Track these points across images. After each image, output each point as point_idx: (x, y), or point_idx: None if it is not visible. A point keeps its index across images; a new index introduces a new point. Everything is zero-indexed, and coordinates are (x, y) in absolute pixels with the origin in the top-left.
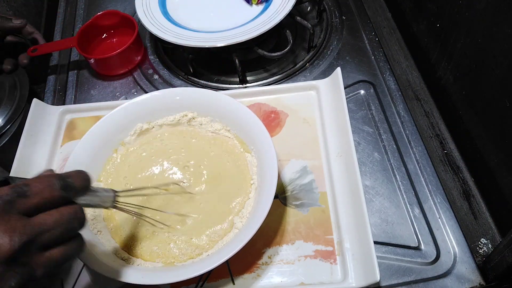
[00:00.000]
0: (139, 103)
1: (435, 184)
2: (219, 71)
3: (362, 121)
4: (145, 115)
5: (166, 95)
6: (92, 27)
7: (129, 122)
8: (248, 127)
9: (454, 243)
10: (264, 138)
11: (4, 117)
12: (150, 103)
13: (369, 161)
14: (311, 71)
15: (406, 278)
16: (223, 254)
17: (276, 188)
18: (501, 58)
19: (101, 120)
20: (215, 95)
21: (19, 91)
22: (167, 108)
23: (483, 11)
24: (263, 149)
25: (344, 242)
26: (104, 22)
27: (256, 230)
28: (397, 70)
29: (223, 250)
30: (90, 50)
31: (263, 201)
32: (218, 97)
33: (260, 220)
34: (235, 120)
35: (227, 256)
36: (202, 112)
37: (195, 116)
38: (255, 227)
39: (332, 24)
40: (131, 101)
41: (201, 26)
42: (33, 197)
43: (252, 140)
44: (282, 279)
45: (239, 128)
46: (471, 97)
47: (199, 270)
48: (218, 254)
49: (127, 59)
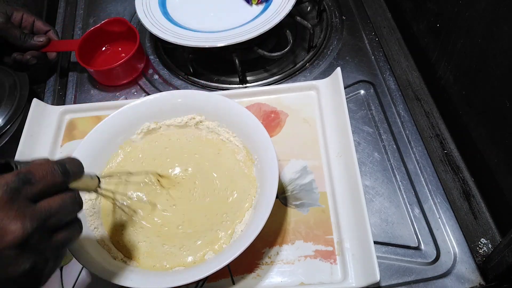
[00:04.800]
0: (148, 103)
1: (435, 184)
2: (219, 71)
3: (362, 121)
4: (153, 115)
5: (175, 97)
6: (95, 34)
7: (137, 120)
8: (255, 137)
9: (454, 243)
10: (269, 151)
11: (4, 117)
12: (159, 104)
13: (369, 161)
14: (311, 71)
15: (406, 278)
16: (223, 259)
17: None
18: (501, 58)
19: (110, 117)
20: (223, 101)
21: (19, 91)
22: (175, 110)
23: (483, 11)
24: (266, 159)
25: (344, 242)
26: (108, 29)
27: (255, 236)
28: (397, 70)
29: (223, 254)
30: (92, 57)
31: (263, 210)
32: (226, 103)
33: (259, 227)
34: (243, 127)
35: (228, 261)
36: (210, 116)
37: (202, 120)
38: (254, 234)
39: (332, 24)
40: (140, 100)
41: (201, 26)
42: (37, 183)
43: (256, 150)
44: (282, 279)
45: (245, 136)
46: (471, 97)
47: (198, 274)
48: (218, 259)
49: (127, 70)
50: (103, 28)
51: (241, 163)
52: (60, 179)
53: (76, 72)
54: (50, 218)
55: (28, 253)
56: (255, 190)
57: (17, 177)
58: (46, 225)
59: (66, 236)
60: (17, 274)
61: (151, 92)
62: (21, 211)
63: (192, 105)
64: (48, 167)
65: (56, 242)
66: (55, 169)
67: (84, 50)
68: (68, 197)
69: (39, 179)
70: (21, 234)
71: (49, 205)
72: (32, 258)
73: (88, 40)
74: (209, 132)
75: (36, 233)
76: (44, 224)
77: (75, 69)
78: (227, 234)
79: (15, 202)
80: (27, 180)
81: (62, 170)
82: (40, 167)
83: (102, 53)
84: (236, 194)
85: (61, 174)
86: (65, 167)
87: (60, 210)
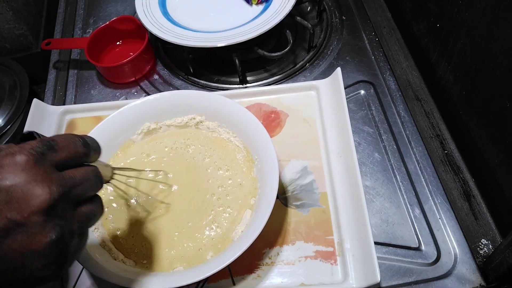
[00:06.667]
0: (148, 103)
1: (436, 185)
2: (219, 71)
3: (362, 121)
4: (153, 115)
5: (175, 97)
6: (104, 32)
7: (137, 120)
8: (255, 137)
9: (455, 243)
10: (269, 151)
11: (4, 117)
12: (159, 104)
13: (370, 162)
14: (311, 71)
15: (406, 278)
16: (224, 259)
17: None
18: (501, 58)
19: (110, 117)
20: (223, 101)
21: (19, 91)
22: (175, 110)
23: (483, 11)
24: (267, 160)
25: (344, 243)
26: (119, 27)
27: (256, 236)
28: (397, 70)
29: (223, 255)
30: (100, 54)
31: (263, 210)
32: (226, 103)
33: (260, 227)
34: (243, 128)
35: (229, 261)
36: (210, 117)
37: (202, 120)
38: (254, 234)
39: (332, 24)
40: (140, 100)
41: (201, 26)
42: (61, 151)
43: (256, 150)
44: (283, 280)
45: (245, 136)
46: (471, 97)
47: (199, 275)
48: (218, 259)
49: (135, 68)
50: (112, 26)
51: (241, 163)
52: (82, 150)
53: (76, 72)
54: (75, 188)
55: (54, 221)
56: (255, 191)
57: (41, 143)
58: (72, 194)
59: (90, 209)
60: (44, 244)
61: (151, 92)
62: (47, 176)
63: (192, 105)
64: (71, 137)
65: (81, 215)
66: (77, 140)
67: (93, 48)
68: (91, 171)
69: (63, 147)
70: (48, 199)
71: (73, 174)
72: (58, 226)
73: (97, 37)
74: (209, 132)
75: (62, 200)
76: (69, 192)
77: (75, 69)
78: (225, 235)
79: (41, 166)
80: (51, 146)
81: (83, 142)
82: (63, 137)
83: (110, 51)
84: (236, 194)
85: (83, 145)
86: (85, 140)
87: (84, 181)
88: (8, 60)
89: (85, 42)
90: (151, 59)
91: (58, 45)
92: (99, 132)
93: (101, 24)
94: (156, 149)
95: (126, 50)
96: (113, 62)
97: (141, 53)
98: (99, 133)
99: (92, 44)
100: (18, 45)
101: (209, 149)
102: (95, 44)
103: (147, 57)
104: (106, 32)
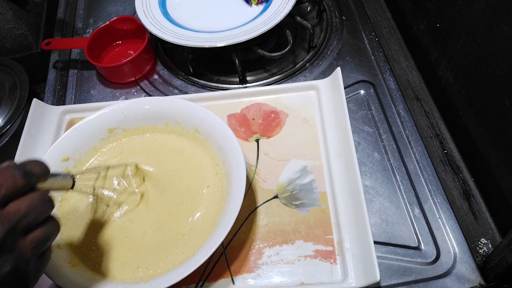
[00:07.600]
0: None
1: (435, 184)
2: (219, 71)
3: (362, 121)
4: (122, 121)
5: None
6: (104, 32)
7: (107, 126)
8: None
9: (454, 243)
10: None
11: (4, 117)
12: (129, 110)
13: (369, 161)
14: (311, 71)
15: (406, 278)
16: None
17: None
18: (501, 58)
19: (83, 121)
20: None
21: (19, 91)
22: (145, 116)
23: (483, 11)
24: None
25: (344, 242)
26: (119, 27)
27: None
28: (397, 70)
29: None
30: (100, 54)
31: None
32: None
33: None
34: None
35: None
36: (180, 120)
37: (170, 123)
38: (227, 227)
39: (332, 24)
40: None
41: (201, 26)
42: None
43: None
44: (282, 279)
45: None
46: (471, 97)
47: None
48: (193, 260)
49: (135, 68)
50: (112, 26)
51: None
52: (21, 182)
53: (76, 72)
54: (21, 219)
55: (7, 256)
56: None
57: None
58: (19, 226)
59: (42, 233)
60: (1, 278)
61: (151, 93)
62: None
63: (160, 111)
64: (7, 171)
65: (32, 240)
66: (14, 173)
67: (93, 48)
68: (36, 197)
69: (0, 185)
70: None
71: (17, 207)
72: (11, 259)
73: (97, 37)
74: (177, 135)
75: (9, 236)
76: (16, 225)
77: (75, 69)
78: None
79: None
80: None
81: (22, 173)
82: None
83: (110, 51)
84: (205, 191)
85: (22, 176)
86: (25, 169)
87: (29, 210)
88: (8, 60)
89: (85, 42)
90: (151, 59)
91: (58, 45)
92: (71, 136)
93: (101, 24)
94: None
95: (126, 50)
96: (113, 62)
97: (141, 53)
98: (71, 136)
99: (92, 44)
100: (18, 45)
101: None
102: (95, 44)
103: (147, 57)
104: (106, 32)
